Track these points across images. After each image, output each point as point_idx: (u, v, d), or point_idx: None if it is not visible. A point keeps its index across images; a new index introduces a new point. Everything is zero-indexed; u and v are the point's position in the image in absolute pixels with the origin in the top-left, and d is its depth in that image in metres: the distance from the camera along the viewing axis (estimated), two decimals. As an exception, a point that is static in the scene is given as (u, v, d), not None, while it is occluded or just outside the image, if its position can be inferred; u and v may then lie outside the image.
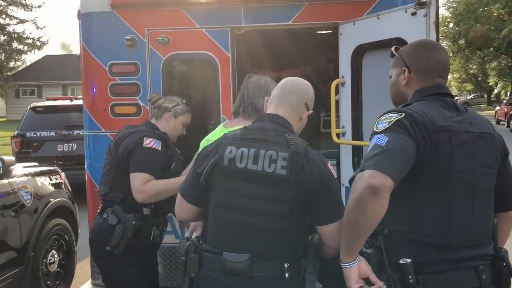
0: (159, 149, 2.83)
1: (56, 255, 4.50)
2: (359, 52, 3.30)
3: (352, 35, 3.32)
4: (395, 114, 1.83)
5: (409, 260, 1.75)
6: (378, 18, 3.13)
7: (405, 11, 2.91)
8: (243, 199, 1.95)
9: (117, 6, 3.52)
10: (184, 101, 3.11)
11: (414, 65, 1.97)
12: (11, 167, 4.07)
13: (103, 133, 3.64)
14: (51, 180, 4.80)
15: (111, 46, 3.59)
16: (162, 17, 3.55)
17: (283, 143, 1.96)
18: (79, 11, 3.67)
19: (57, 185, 4.83)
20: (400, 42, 2.95)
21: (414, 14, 2.83)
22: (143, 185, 2.73)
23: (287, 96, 2.11)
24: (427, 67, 1.97)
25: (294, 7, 3.47)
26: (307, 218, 2.00)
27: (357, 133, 3.35)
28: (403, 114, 1.81)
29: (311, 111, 2.18)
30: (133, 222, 2.76)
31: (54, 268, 4.45)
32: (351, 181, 1.76)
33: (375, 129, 1.85)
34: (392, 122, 1.79)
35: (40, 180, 4.58)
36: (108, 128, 3.63)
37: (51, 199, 4.57)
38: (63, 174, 5.12)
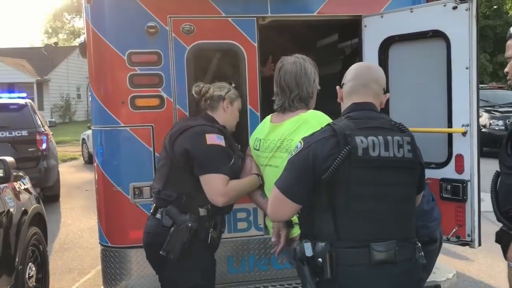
0: (224, 145, 2.65)
1: (33, 268, 4.03)
2: (388, 44, 3.43)
3: (380, 27, 3.44)
4: None
5: None
6: (411, 12, 3.28)
7: (444, 5, 3.08)
8: (379, 187, 1.97)
9: (136, -10, 3.28)
10: (233, 85, 2.98)
11: None
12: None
13: (122, 127, 3.38)
14: (23, 185, 4.35)
15: (129, 34, 3.34)
16: (186, 4, 3.38)
17: (394, 128, 2.04)
18: (89, -6, 3.35)
19: (27, 191, 4.39)
20: (436, 33, 3.15)
21: (455, 8, 3.02)
22: (225, 187, 2.56)
23: (369, 85, 2.16)
24: None
25: (319, -3, 3.52)
26: None
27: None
28: None
29: (388, 95, 2.27)
30: (189, 224, 2.57)
31: (32, 283, 3.95)
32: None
33: None
34: None
35: (16, 185, 4.13)
36: (127, 122, 3.38)
37: (29, 206, 4.14)
38: (27, 177, 4.66)
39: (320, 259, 1.93)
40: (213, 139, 2.63)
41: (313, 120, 2.40)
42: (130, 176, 3.41)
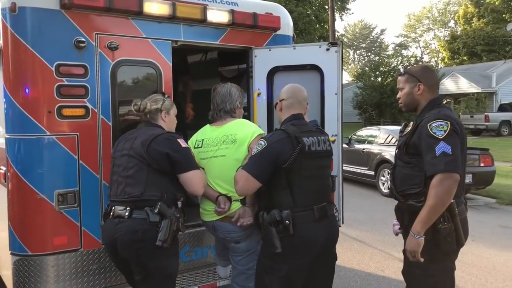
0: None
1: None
2: (274, 72, 4.35)
3: (268, 58, 4.34)
4: (443, 123, 2.79)
5: None
6: (294, 49, 4.29)
7: (320, 47, 4.18)
8: (317, 170, 3.05)
9: (66, 6, 3.44)
10: (166, 96, 3.47)
11: (426, 81, 3.08)
12: None
13: (49, 136, 3.46)
14: None
15: (58, 47, 3.46)
16: (112, 24, 3.68)
17: (318, 131, 3.15)
18: (13, 3, 3.35)
19: None
20: (313, 66, 4.22)
21: (328, 49, 4.13)
22: (204, 180, 3.14)
23: (302, 102, 3.25)
24: (435, 82, 3.14)
25: (220, 30, 4.23)
26: None
27: (271, 130, 4.34)
28: (449, 122, 2.79)
29: (307, 107, 3.33)
30: (177, 215, 3.05)
31: None
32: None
33: (432, 133, 2.78)
34: (447, 131, 2.76)
35: None
36: (54, 131, 3.47)
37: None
38: None
39: (287, 221, 2.90)
40: (183, 142, 3.19)
41: (247, 122, 3.50)
42: (55, 183, 3.50)
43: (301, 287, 3.07)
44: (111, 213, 3.12)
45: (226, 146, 3.35)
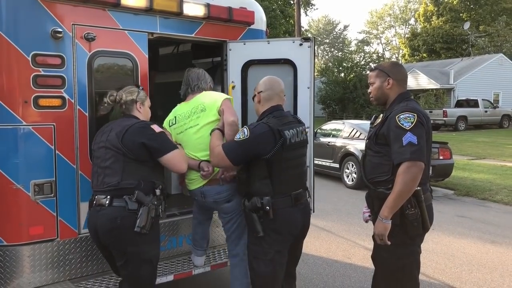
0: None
1: None
2: (248, 65, 4.46)
3: (242, 52, 4.44)
4: (411, 115, 2.97)
5: None
6: (268, 43, 4.40)
7: (293, 42, 4.32)
8: (295, 160, 3.24)
9: (44, -4, 3.43)
10: (141, 87, 3.57)
11: (395, 75, 3.25)
12: None
13: (25, 126, 3.45)
14: None
15: (35, 36, 3.45)
16: (89, 15, 3.69)
17: (296, 120, 3.35)
18: (-11, -9, 3.32)
19: None
20: (286, 61, 4.35)
21: (301, 44, 4.27)
22: (184, 156, 3.36)
23: (280, 94, 3.43)
24: (403, 77, 3.31)
25: (196, 23, 4.30)
26: None
27: (245, 122, 4.45)
28: (416, 114, 2.97)
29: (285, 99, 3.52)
30: (155, 203, 3.15)
31: None
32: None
33: (400, 124, 2.96)
34: (414, 123, 2.93)
35: None
36: (30, 121, 3.47)
37: None
38: None
39: (267, 207, 3.14)
40: (157, 128, 3.31)
41: (213, 92, 3.86)
42: (31, 173, 3.50)
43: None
44: (94, 202, 3.20)
45: (197, 116, 3.64)
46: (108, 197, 3.13)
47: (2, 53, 3.39)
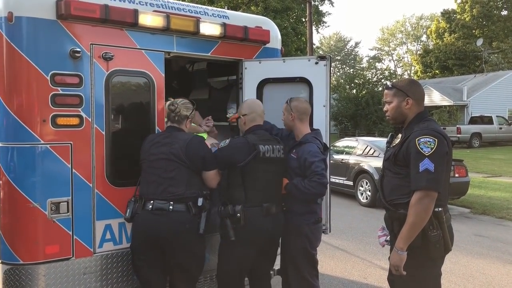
0: None
1: None
2: (264, 83, 4.46)
3: (258, 70, 4.45)
4: (431, 139, 2.90)
5: None
6: (284, 62, 4.41)
7: (309, 60, 4.32)
8: (269, 173, 3.72)
9: (63, 17, 3.48)
10: (195, 105, 3.86)
11: (414, 95, 3.20)
12: None
13: (42, 144, 3.47)
14: None
15: (54, 56, 3.49)
16: (107, 35, 3.73)
17: (274, 140, 3.70)
18: (10, 12, 3.37)
19: None
20: (302, 79, 4.35)
21: (316, 63, 4.27)
22: (219, 176, 3.79)
23: (261, 115, 3.95)
24: (422, 96, 3.27)
25: (212, 42, 4.32)
26: None
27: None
28: (437, 140, 2.90)
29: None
30: (209, 208, 3.67)
31: None
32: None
33: (419, 149, 2.90)
34: (433, 149, 2.87)
35: None
36: (48, 139, 3.49)
37: None
38: None
39: (238, 214, 3.56)
40: (207, 144, 3.81)
41: None
42: (48, 192, 3.51)
43: (249, 270, 3.87)
44: (150, 207, 3.54)
45: None
46: (171, 202, 3.51)
47: (22, 72, 3.43)
